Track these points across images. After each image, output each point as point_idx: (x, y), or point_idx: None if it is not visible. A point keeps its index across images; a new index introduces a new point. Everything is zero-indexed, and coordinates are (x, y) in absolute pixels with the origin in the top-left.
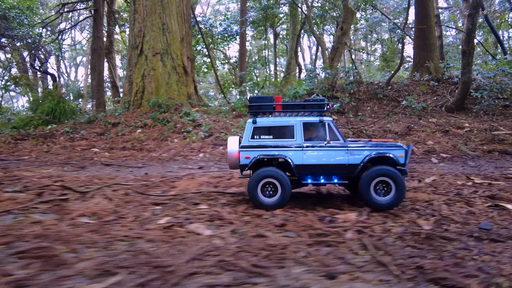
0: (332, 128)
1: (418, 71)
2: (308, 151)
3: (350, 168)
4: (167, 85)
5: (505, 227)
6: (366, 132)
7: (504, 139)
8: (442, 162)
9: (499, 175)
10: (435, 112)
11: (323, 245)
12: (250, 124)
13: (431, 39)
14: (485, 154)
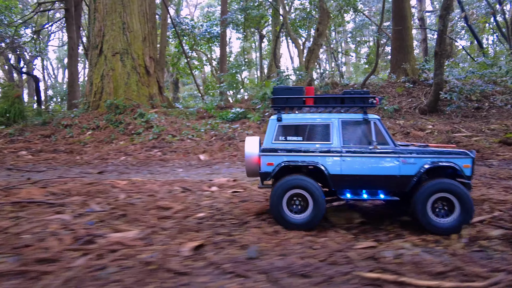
0: (379, 128)
1: (395, 73)
2: (348, 158)
3: (402, 181)
4: (126, 85)
5: None
6: None
7: (459, 141)
8: None
9: None
10: (409, 113)
11: None
12: (274, 121)
13: (408, 41)
14: None
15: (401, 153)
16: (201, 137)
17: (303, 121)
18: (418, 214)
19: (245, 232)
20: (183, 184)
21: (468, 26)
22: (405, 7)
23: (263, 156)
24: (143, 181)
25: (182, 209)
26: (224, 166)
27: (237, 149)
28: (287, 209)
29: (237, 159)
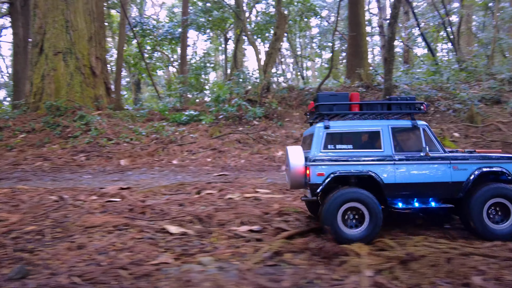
0: (428, 135)
1: (350, 78)
2: (401, 166)
3: (453, 187)
4: (69, 86)
5: None
6: (266, 138)
7: None
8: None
9: None
10: None
11: None
12: (321, 129)
13: (362, 47)
14: None
15: (452, 159)
16: (140, 141)
17: (352, 128)
18: (474, 220)
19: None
20: (69, 192)
21: (421, 34)
22: (360, 13)
23: (312, 166)
24: (26, 189)
25: (12, 222)
26: (138, 172)
27: (169, 153)
28: (343, 223)
29: (162, 163)
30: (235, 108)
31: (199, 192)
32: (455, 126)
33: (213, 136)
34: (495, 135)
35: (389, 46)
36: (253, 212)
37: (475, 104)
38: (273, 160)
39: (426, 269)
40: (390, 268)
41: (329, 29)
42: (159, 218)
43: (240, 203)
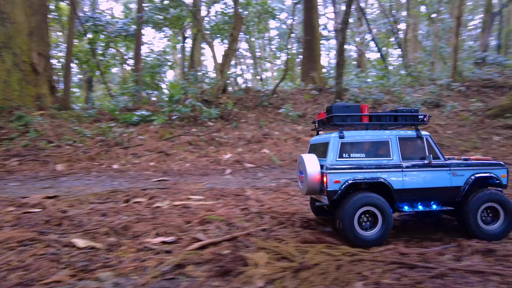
0: (431, 144)
1: (304, 81)
2: (408, 172)
3: (452, 192)
4: (5, 84)
5: None
6: (218, 140)
7: None
8: (233, 174)
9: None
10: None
11: None
12: (336, 139)
13: (316, 51)
14: (291, 163)
15: (451, 166)
16: (84, 143)
17: (364, 138)
18: (469, 221)
19: None
20: None
21: (373, 40)
22: (314, 18)
23: (330, 174)
24: None
25: None
26: (73, 178)
27: (111, 157)
28: (359, 226)
29: (101, 168)
30: (190, 108)
31: (127, 200)
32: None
33: (162, 138)
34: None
35: (340, 51)
36: (174, 222)
37: (417, 107)
38: (219, 164)
39: (315, 277)
40: (282, 277)
41: (287, 32)
42: (72, 231)
43: (166, 212)
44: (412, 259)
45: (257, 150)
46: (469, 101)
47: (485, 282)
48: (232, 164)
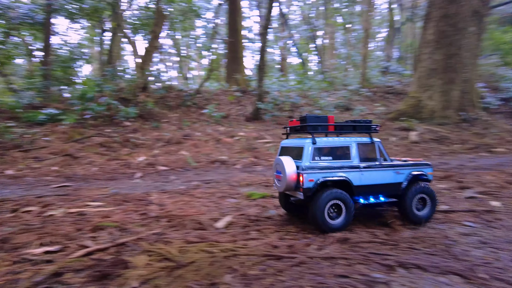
0: (381, 149)
1: (228, 82)
2: (365, 172)
3: (396, 187)
4: None
5: None
6: (134, 141)
7: (256, 147)
8: (144, 178)
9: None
10: (236, 120)
11: None
12: (310, 144)
13: (239, 53)
14: (207, 165)
15: (395, 166)
16: None
17: (331, 144)
18: (407, 209)
19: None
20: None
21: (294, 45)
22: (238, 21)
23: (305, 174)
24: None
25: None
26: None
27: (5, 161)
28: (328, 216)
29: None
30: (105, 107)
31: (15, 210)
32: None
33: (71, 140)
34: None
35: (261, 54)
36: (63, 230)
37: (330, 110)
38: (129, 167)
39: (188, 274)
40: (158, 277)
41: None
42: None
43: (59, 220)
44: (281, 251)
45: (174, 152)
46: (374, 105)
47: (333, 266)
48: (144, 167)
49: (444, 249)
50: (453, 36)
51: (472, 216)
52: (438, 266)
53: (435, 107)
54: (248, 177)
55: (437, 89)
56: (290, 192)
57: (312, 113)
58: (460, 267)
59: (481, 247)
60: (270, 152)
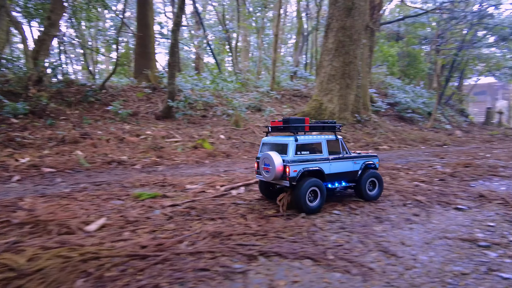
0: (343, 144)
1: (137, 78)
2: (333, 163)
3: (354, 174)
4: None
5: None
6: (20, 141)
7: (163, 146)
8: (23, 181)
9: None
10: (145, 118)
11: None
12: (293, 142)
13: (150, 48)
14: (102, 166)
15: (354, 157)
16: None
17: (308, 141)
18: (362, 191)
19: None
20: None
21: (208, 45)
22: (148, 15)
23: (291, 165)
24: None
25: None
26: None
27: None
28: (308, 200)
29: None
30: None
31: None
32: (224, 129)
33: None
34: (250, 137)
35: (172, 52)
36: None
37: (242, 111)
38: (7, 170)
39: (31, 283)
40: None
41: (120, 25)
42: None
43: None
44: (148, 250)
45: (67, 152)
46: (283, 107)
47: (197, 260)
48: (26, 169)
49: (306, 236)
50: (349, 46)
51: (341, 205)
52: (295, 252)
53: (334, 110)
54: (146, 177)
55: (336, 93)
56: (276, 181)
57: (225, 112)
58: (314, 252)
59: (339, 232)
60: (177, 151)
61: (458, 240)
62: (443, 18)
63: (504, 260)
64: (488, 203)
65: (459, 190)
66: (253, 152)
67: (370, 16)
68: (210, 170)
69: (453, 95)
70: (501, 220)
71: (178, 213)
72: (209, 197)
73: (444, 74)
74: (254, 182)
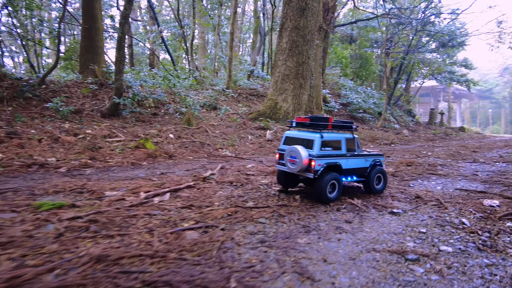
0: (358, 142)
1: (83, 73)
2: (349, 159)
3: (364, 170)
4: None
5: None
6: None
7: (101, 147)
8: None
9: None
10: (90, 116)
11: None
12: (319, 138)
13: (98, 42)
14: (19, 169)
15: (365, 155)
16: None
17: (330, 138)
18: (371, 185)
19: None
20: None
21: (162, 41)
22: (96, 7)
23: (316, 159)
24: None
25: None
26: None
27: None
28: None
29: None
30: None
31: None
32: (174, 128)
33: None
34: (202, 136)
35: (119, 46)
36: None
37: (197, 109)
38: None
39: None
40: None
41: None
42: None
43: None
44: None
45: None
46: (238, 106)
47: None
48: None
49: (215, 255)
50: (303, 46)
51: (270, 212)
52: (191, 280)
53: (289, 109)
54: (65, 182)
55: (290, 93)
56: (301, 173)
57: (178, 110)
58: (215, 278)
59: (257, 247)
60: (115, 152)
61: (387, 253)
62: (391, 23)
63: (431, 277)
64: (423, 204)
65: (398, 191)
66: (201, 153)
67: (324, 18)
68: (144, 173)
69: (401, 96)
70: (433, 225)
71: (74, 229)
72: (125, 206)
73: (393, 76)
74: (185, 187)
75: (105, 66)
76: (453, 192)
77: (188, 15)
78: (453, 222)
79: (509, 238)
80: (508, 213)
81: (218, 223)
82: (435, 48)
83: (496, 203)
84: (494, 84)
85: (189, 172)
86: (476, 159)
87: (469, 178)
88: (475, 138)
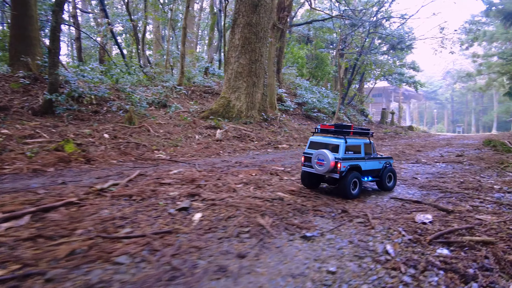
0: (373, 147)
1: (13, 66)
2: (367, 161)
3: (378, 171)
4: None
5: None
6: None
7: (13, 149)
8: None
9: None
10: (19, 114)
11: None
12: (344, 143)
13: (31, 31)
14: None
15: (380, 158)
16: None
17: (353, 143)
18: (383, 183)
19: None
20: None
21: (112, 34)
22: None
23: (341, 161)
24: None
25: None
26: None
27: None
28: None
29: None
30: None
31: None
32: (112, 127)
33: None
34: (142, 136)
35: (53, 37)
36: None
37: (143, 106)
38: None
39: None
40: None
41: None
42: None
43: None
44: None
45: None
46: (191, 104)
47: None
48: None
49: None
50: (255, 44)
51: (141, 244)
52: None
53: (242, 107)
54: None
55: (243, 91)
56: (327, 173)
57: (122, 108)
58: None
59: None
60: (24, 155)
61: None
62: (345, 24)
63: None
64: (348, 222)
65: (323, 203)
66: (130, 156)
67: (278, 16)
68: (41, 183)
69: (354, 96)
70: (350, 257)
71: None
72: None
73: (347, 77)
74: (62, 204)
75: (40, 58)
76: (386, 202)
77: (142, 9)
78: (375, 250)
79: (436, 278)
80: (439, 234)
81: (50, 268)
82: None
83: (429, 219)
84: (438, 86)
85: (100, 180)
86: (418, 159)
87: (408, 182)
88: (422, 136)
